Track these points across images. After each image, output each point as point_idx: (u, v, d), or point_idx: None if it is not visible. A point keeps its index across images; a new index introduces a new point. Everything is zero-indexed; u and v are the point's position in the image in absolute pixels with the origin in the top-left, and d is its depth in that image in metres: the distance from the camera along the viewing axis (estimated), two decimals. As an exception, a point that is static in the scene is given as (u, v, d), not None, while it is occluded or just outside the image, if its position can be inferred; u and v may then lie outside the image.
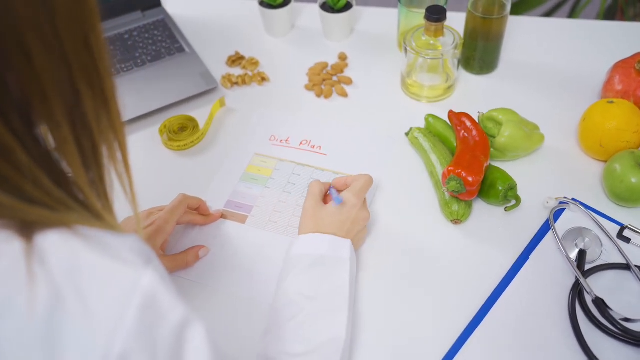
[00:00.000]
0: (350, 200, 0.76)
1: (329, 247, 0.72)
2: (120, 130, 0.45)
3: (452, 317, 0.73)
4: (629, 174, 0.79)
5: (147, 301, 0.41)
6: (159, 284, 0.43)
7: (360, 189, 0.77)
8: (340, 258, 0.72)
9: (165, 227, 0.77)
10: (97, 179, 0.44)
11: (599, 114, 0.85)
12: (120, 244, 0.42)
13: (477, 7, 0.96)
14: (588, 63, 1.04)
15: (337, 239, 0.73)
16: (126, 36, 1.12)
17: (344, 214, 0.75)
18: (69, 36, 0.39)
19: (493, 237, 0.81)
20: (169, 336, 0.43)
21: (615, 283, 0.75)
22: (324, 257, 0.71)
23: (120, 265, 0.41)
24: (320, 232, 0.73)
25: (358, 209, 0.76)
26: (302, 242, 0.73)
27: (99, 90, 0.42)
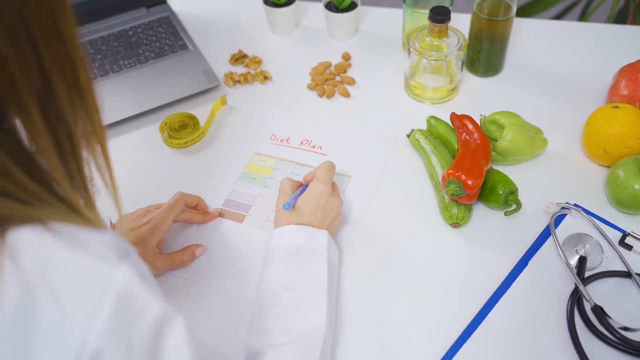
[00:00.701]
0: (319, 187, 0.76)
1: (304, 238, 0.72)
2: (98, 121, 0.44)
3: (448, 322, 0.72)
4: (632, 180, 0.78)
5: (122, 297, 0.41)
6: (135, 280, 0.42)
7: (324, 175, 0.77)
8: (317, 248, 0.72)
9: (162, 225, 0.76)
10: (76, 172, 0.44)
11: (603, 119, 0.84)
12: (96, 240, 0.42)
13: (482, 9, 0.95)
14: (594, 67, 1.02)
15: (312, 230, 0.73)
16: (130, 33, 1.11)
17: (314, 202, 0.75)
18: (38, 23, 0.39)
19: (492, 241, 0.80)
20: (146, 332, 0.42)
21: (615, 291, 0.73)
22: (300, 247, 0.71)
23: (94, 261, 0.41)
24: (294, 223, 0.73)
25: (327, 195, 0.75)
26: (278, 234, 0.73)
27: (73, 80, 0.42)
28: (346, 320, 0.73)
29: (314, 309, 0.67)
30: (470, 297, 0.74)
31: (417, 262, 0.78)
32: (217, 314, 0.75)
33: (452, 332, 0.71)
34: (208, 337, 0.72)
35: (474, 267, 0.77)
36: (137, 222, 0.77)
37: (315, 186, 0.76)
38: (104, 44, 1.09)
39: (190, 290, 0.77)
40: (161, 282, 0.78)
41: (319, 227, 0.74)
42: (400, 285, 0.76)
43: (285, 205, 0.74)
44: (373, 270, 0.78)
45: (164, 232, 0.77)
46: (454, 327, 0.72)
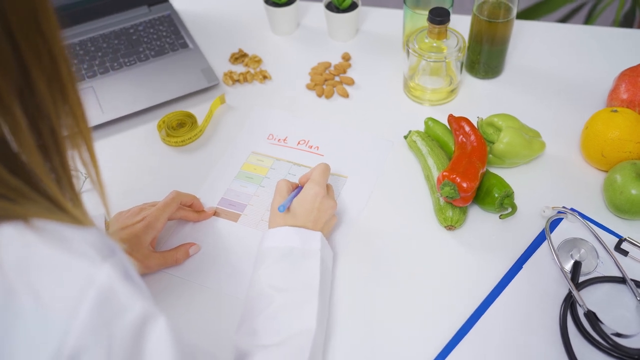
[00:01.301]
0: (313, 189, 0.76)
1: (298, 239, 0.72)
2: (82, 117, 0.44)
3: (441, 324, 0.72)
4: (629, 185, 0.77)
5: (104, 296, 0.41)
6: (118, 279, 0.42)
7: (319, 176, 0.77)
8: (310, 250, 0.72)
9: (155, 223, 0.76)
10: (60, 169, 0.43)
11: (601, 123, 0.84)
12: (79, 238, 0.42)
13: (482, 11, 0.94)
14: (595, 70, 1.01)
15: (306, 231, 0.73)
16: (131, 30, 1.12)
17: (309, 204, 0.75)
18: (16, 17, 0.38)
19: (487, 244, 0.79)
20: (127, 331, 0.42)
21: (609, 297, 0.73)
22: (294, 249, 0.71)
23: (76, 259, 0.41)
24: (288, 224, 0.73)
25: (322, 197, 0.76)
26: (272, 235, 0.73)
27: (54, 75, 0.41)
28: (339, 320, 0.73)
29: (305, 311, 0.67)
30: (463, 300, 0.74)
31: (411, 264, 0.78)
32: (209, 312, 0.75)
33: (444, 334, 0.71)
34: (200, 335, 0.72)
35: (468, 270, 0.77)
36: (131, 220, 0.77)
37: (309, 188, 0.76)
38: (105, 42, 1.09)
39: (183, 288, 0.77)
40: (154, 280, 0.78)
41: (312, 228, 0.74)
42: (393, 287, 0.76)
43: (280, 207, 0.74)
44: (367, 270, 0.78)
45: (157, 230, 0.77)
46: (446, 329, 0.71)
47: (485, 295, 0.74)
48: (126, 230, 0.75)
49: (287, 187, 0.78)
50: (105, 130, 0.97)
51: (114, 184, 0.90)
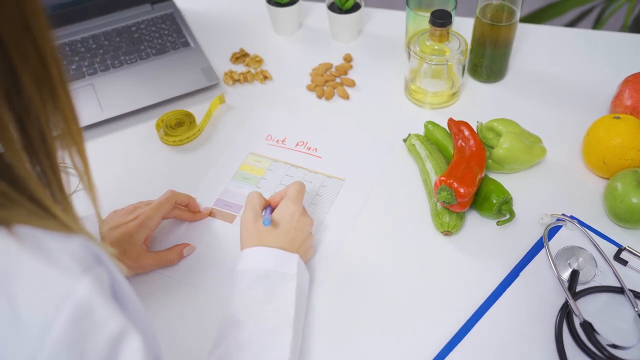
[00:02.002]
0: (289, 208, 0.73)
1: (274, 262, 0.69)
2: (73, 119, 0.43)
3: (435, 331, 0.71)
4: (630, 193, 0.76)
5: (80, 310, 0.40)
6: (96, 293, 0.41)
7: (295, 195, 0.74)
8: (286, 274, 0.69)
9: (149, 222, 0.76)
10: (50, 172, 0.43)
11: (603, 130, 0.82)
12: (60, 248, 0.41)
13: (485, 14, 0.93)
14: (600, 76, 1.00)
15: (283, 253, 0.70)
16: (133, 28, 1.11)
17: (286, 223, 0.72)
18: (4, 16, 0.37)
19: (484, 251, 0.78)
20: (101, 348, 0.41)
21: (607, 307, 0.72)
22: (269, 272, 0.68)
23: (55, 270, 0.40)
24: (264, 245, 0.70)
25: (298, 216, 0.73)
26: (246, 256, 0.70)
27: (43, 76, 0.40)
28: (332, 323, 0.72)
29: (278, 341, 0.64)
30: (458, 307, 0.73)
31: (407, 269, 0.77)
32: (203, 314, 0.74)
33: (438, 341, 0.70)
34: (194, 337, 0.72)
35: (464, 276, 0.76)
36: (125, 218, 0.76)
37: (286, 206, 0.73)
38: (107, 39, 1.09)
39: (177, 290, 0.77)
40: (149, 281, 0.77)
41: (289, 249, 0.71)
42: (387, 291, 0.75)
43: (265, 221, 0.70)
44: (362, 274, 0.77)
45: (151, 229, 0.77)
46: (441, 336, 0.70)
47: (480, 302, 0.73)
48: (119, 229, 0.75)
49: (260, 200, 0.75)
50: (103, 128, 0.97)
51: (111, 182, 0.90)
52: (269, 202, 0.77)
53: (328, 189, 0.86)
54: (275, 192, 0.79)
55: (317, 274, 0.77)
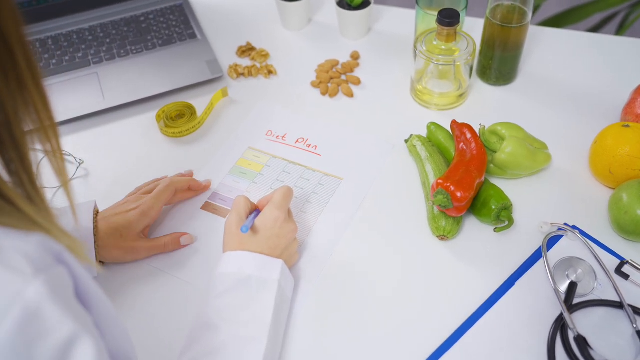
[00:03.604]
0: (273, 213, 0.71)
1: (256, 267, 0.67)
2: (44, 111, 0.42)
3: (424, 338, 0.69)
4: (635, 205, 0.73)
5: (29, 314, 0.39)
6: (48, 297, 0.39)
7: (281, 201, 0.72)
8: (268, 280, 0.67)
9: (150, 212, 0.76)
10: (19, 165, 0.41)
11: (611, 138, 0.79)
12: (15, 247, 0.39)
13: (496, 15, 0.91)
14: (613, 82, 0.97)
15: (266, 259, 0.68)
16: (142, 18, 1.11)
17: (268, 229, 0.70)
18: None
19: (481, 258, 0.76)
20: (51, 354, 0.40)
21: (604, 322, 0.69)
22: (251, 277, 0.66)
23: (5, 272, 0.38)
24: (247, 249, 0.69)
25: (282, 222, 0.71)
26: (227, 259, 0.68)
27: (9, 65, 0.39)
28: (320, 326, 0.70)
29: (252, 348, 0.62)
30: (450, 314, 0.71)
31: (400, 273, 0.75)
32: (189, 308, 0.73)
33: (428, 348, 0.68)
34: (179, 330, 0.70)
35: (458, 282, 0.74)
36: (126, 207, 0.76)
37: (270, 211, 0.71)
38: (115, 29, 1.09)
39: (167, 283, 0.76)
40: (136, 272, 0.76)
41: (270, 255, 0.69)
42: (378, 294, 0.73)
43: (243, 228, 0.68)
44: (353, 275, 0.75)
45: (152, 219, 0.77)
46: (431, 343, 0.68)
47: (473, 310, 0.71)
48: (119, 216, 0.75)
49: (246, 205, 0.73)
50: (104, 118, 0.97)
51: (109, 171, 0.89)
52: (257, 206, 0.75)
53: (325, 187, 0.85)
54: (265, 195, 0.77)
55: (307, 274, 0.75)
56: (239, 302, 0.65)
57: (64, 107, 0.96)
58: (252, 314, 0.65)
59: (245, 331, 0.63)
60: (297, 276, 0.75)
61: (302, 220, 0.81)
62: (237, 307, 0.65)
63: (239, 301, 0.65)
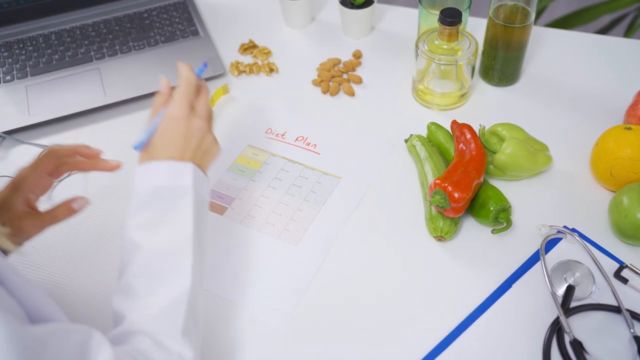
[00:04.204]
0: (173, 115, 0.66)
1: (165, 177, 0.63)
2: None
3: (418, 339, 0.68)
4: (635, 208, 0.72)
5: None
6: None
7: (180, 96, 0.67)
8: (180, 187, 0.63)
9: (21, 183, 0.67)
10: None
11: (613, 140, 0.78)
12: None
13: (499, 14, 0.90)
14: (617, 84, 0.96)
15: (174, 165, 0.64)
16: (145, 15, 1.11)
17: (171, 131, 0.65)
18: None
19: (479, 259, 0.75)
20: None
21: (602, 326, 0.68)
22: (161, 188, 0.62)
23: None
24: (155, 158, 0.64)
25: (185, 120, 0.66)
26: (137, 174, 0.64)
27: None
28: (315, 326, 0.70)
29: (178, 263, 0.60)
30: (445, 315, 0.70)
31: (396, 273, 0.74)
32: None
33: (422, 349, 0.67)
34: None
35: (455, 284, 0.73)
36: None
37: (168, 114, 0.66)
38: (118, 25, 1.09)
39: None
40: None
41: (182, 158, 0.64)
42: (374, 294, 0.73)
43: (136, 146, 0.64)
44: (350, 274, 0.75)
45: (28, 190, 0.68)
46: (425, 344, 0.68)
47: (469, 312, 0.70)
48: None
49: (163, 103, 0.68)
50: (105, 113, 0.97)
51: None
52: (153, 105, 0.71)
53: (323, 186, 0.84)
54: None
55: (303, 272, 0.75)
56: (156, 217, 0.62)
57: (65, 103, 0.96)
58: (172, 227, 0.62)
59: (169, 247, 0.61)
60: (292, 274, 0.75)
61: (299, 218, 0.81)
62: (155, 222, 0.62)
63: (156, 216, 0.62)
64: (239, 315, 0.71)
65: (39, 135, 0.94)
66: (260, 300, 0.73)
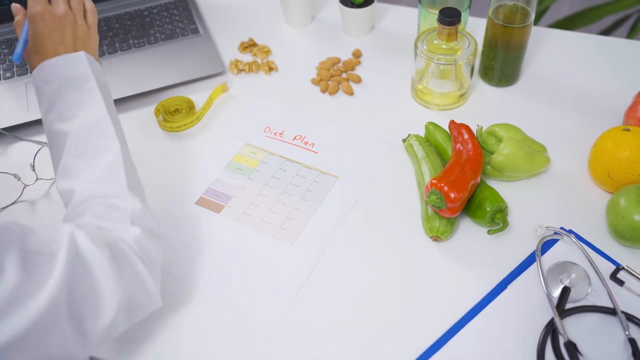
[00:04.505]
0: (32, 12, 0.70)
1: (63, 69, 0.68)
2: None
3: (412, 338, 0.68)
4: (632, 210, 0.72)
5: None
6: None
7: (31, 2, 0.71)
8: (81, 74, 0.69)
9: None
10: None
11: (611, 142, 0.78)
12: None
13: (498, 14, 0.89)
14: (618, 85, 0.95)
15: (66, 56, 0.69)
16: (145, 12, 1.11)
17: (42, 30, 0.70)
18: None
19: (474, 260, 0.75)
20: None
21: (597, 328, 0.68)
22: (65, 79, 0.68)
23: None
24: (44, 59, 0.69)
25: (48, 14, 0.70)
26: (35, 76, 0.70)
27: None
28: (311, 323, 0.70)
29: (103, 136, 0.67)
30: (439, 316, 0.70)
31: (392, 272, 0.74)
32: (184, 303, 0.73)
33: (416, 348, 0.67)
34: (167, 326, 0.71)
35: (451, 284, 0.73)
36: None
37: (29, 13, 0.71)
38: (118, 22, 1.09)
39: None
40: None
41: (68, 50, 0.70)
42: (369, 293, 0.73)
43: (15, 58, 0.70)
44: (345, 273, 0.75)
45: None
46: (419, 343, 0.68)
47: (464, 312, 0.70)
48: None
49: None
50: (104, 110, 0.97)
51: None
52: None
53: (321, 185, 0.84)
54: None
55: (298, 271, 0.75)
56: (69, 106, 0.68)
57: (64, 100, 0.96)
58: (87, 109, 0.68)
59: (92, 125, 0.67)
60: (287, 272, 0.75)
61: (296, 217, 0.81)
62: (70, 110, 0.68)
63: (69, 105, 0.68)
64: (233, 313, 0.72)
65: (38, 132, 0.94)
66: (255, 298, 0.73)
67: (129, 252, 0.61)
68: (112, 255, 0.58)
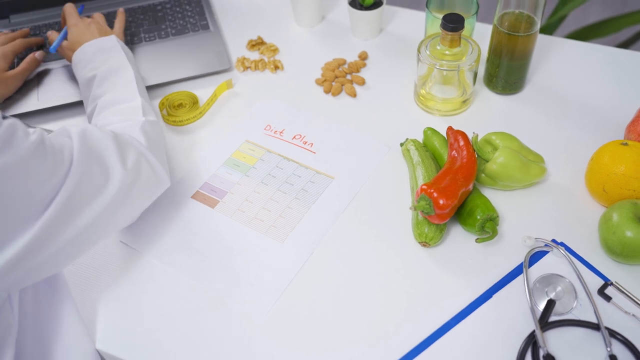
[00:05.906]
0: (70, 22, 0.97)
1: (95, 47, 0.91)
2: None
3: (394, 342, 0.69)
4: (624, 226, 0.71)
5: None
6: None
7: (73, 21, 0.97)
8: (109, 47, 0.91)
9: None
10: None
11: (608, 155, 0.77)
12: None
13: (503, 22, 0.89)
14: (623, 98, 0.94)
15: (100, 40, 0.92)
16: (158, 7, 1.13)
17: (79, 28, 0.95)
18: None
19: (462, 267, 0.75)
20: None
21: (580, 343, 0.67)
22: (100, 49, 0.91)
23: None
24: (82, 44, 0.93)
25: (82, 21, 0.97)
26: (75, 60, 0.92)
27: None
28: (298, 323, 0.71)
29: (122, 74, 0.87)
30: (423, 321, 0.70)
31: (379, 276, 0.75)
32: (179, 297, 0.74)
33: (397, 352, 0.68)
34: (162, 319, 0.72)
35: (436, 291, 0.73)
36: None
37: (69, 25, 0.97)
38: (131, 16, 1.11)
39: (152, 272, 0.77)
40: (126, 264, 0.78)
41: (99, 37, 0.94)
42: (355, 296, 0.73)
43: (52, 49, 0.96)
44: (333, 274, 0.75)
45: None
46: (401, 348, 0.68)
47: (446, 319, 0.70)
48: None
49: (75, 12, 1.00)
50: (110, 102, 0.99)
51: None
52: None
53: (316, 185, 0.85)
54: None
55: (286, 270, 0.76)
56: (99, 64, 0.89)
57: (71, 91, 0.98)
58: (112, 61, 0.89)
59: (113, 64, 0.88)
60: (275, 270, 0.75)
61: (288, 216, 0.81)
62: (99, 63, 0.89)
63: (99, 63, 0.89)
64: (220, 307, 0.73)
65: (47, 120, 0.97)
66: (242, 293, 0.74)
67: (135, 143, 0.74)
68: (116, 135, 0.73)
